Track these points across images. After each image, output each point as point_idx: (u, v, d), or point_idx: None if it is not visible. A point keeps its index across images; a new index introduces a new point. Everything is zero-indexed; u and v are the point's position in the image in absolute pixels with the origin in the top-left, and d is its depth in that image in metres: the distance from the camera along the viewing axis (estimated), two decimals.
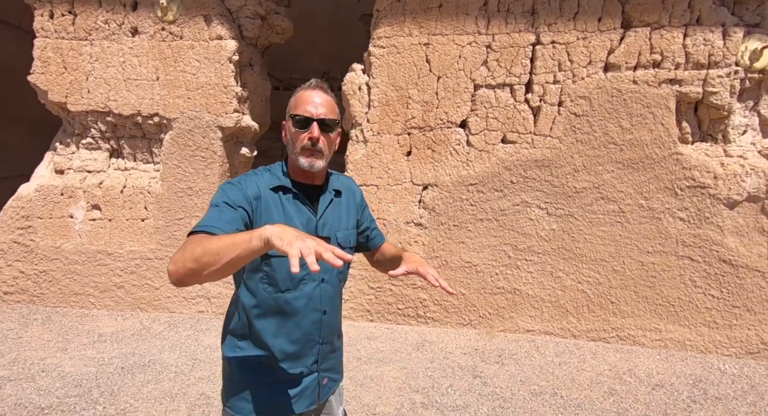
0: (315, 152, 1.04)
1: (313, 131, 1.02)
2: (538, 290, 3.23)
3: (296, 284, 1.04)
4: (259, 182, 1.04)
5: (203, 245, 0.79)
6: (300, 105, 1.04)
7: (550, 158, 3.13)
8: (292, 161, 1.08)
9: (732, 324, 2.95)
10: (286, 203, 1.05)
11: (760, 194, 2.86)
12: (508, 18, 3.15)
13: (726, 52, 2.88)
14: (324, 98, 1.06)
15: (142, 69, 3.80)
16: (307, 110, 1.03)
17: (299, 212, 1.06)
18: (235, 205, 0.97)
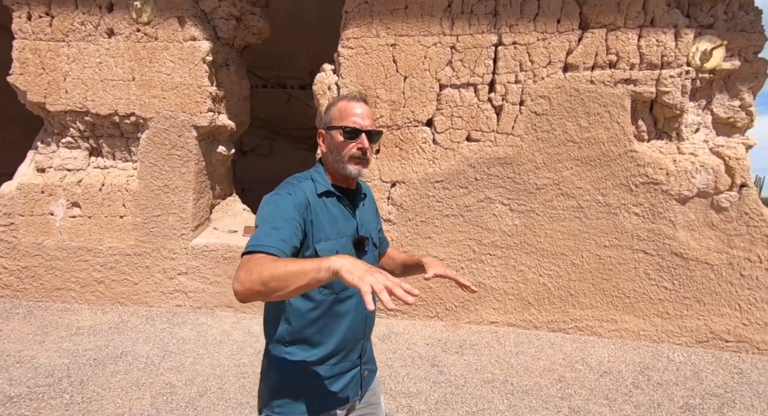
0: (363, 160, 1.10)
1: (363, 141, 1.09)
2: (502, 284, 3.34)
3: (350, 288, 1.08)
4: (306, 189, 1.06)
5: (270, 269, 0.79)
6: (347, 116, 1.09)
7: (512, 155, 3.23)
8: (335, 167, 1.11)
9: (683, 314, 3.07)
10: (331, 207, 1.08)
11: (710, 190, 2.97)
12: (471, 19, 3.23)
13: (678, 53, 2.98)
14: (367, 110, 1.12)
15: (118, 70, 3.87)
16: (356, 121, 1.09)
17: (343, 214, 1.10)
18: (290, 219, 0.97)
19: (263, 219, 0.97)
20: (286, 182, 1.09)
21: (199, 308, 3.83)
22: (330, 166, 1.13)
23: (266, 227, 0.94)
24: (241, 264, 0.86)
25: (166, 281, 3.88)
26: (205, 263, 3.81)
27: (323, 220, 1.04)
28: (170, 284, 3.88)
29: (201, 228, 4.01)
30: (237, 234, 4.05)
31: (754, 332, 2.95)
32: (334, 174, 1.13)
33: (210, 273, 3.81)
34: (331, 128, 1.10)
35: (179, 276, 3.86)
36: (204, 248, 3.80)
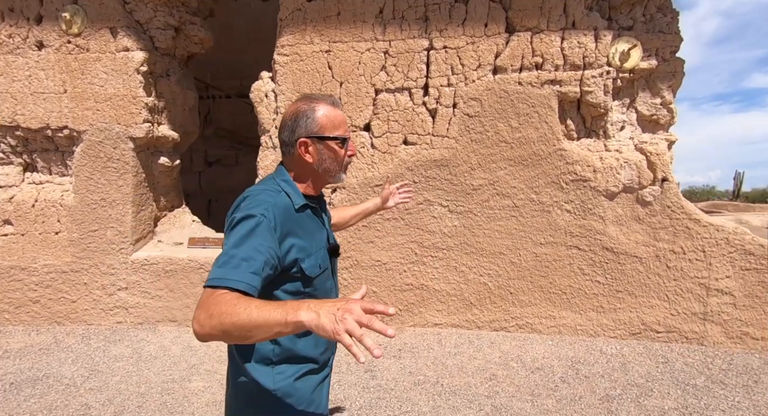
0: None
1: (353, 148, 1.09)
2: (444, 285, 3.35)
3: (330, 295, 1.09)
4: (281, 205, 0.97)
5: (232, 317, 0.71)
6: (339, 126, 1.04)
7: (448, 157, 3.26)
8: (322, 178, 1.08)
9: (616, 307, 3.14)
10: (306, 220, 1.04)
11: (634, 185, 3.06)
12: (402, 25, 3.27)
13: (598, 54, 3.08)
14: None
15: (49, 82, 3.74)
16: (346, 130, 1.07)
17: (316, 225, 1.07)
18: (264, 246, 0.87)
19: (232, 245, 0.86)
20: (255, 197, 0.96)
21: (141, 323, 3.70)
22: (312, 176, 1.07)
23: (235, 256, 0.84)
24: (201, 300, 0.77)
25: (105, 297, 3.74)
26: (146, 277, 3.69)
27: (302, 237, 0.98)
28: (110, 301, 3.73)
29: (143, 242, 3.89)
30: (182, 246, 3.94)
31: (682, 321, 3.04)
32: (310, 184, 1.07)
33: (151, 287, 3.69)
34: (325, 138, 1.03)
35: (119, 292, 3.72)
36: (144, 262, 3.69)
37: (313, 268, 0.99)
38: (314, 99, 1.04)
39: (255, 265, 0.83)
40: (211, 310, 0.74)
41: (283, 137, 1.05)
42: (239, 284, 0.79)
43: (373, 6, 3.29)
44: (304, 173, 1.06)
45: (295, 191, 1.03)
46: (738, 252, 2.93)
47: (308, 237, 1.00)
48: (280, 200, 0.97)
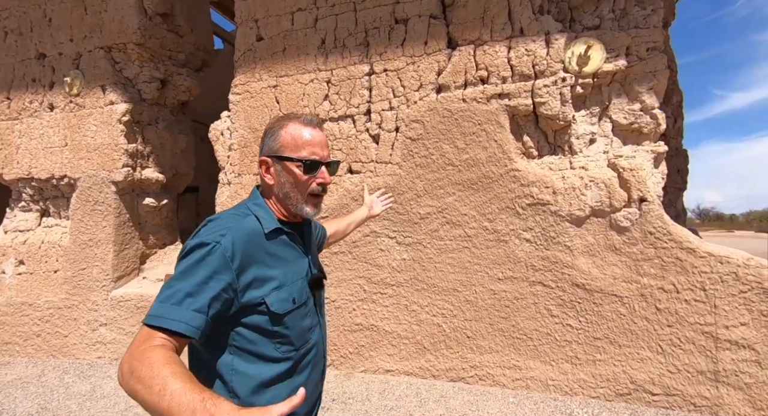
0: (320, 198, 0.98)
1: (325, 175, 0.95)
2: (395, 326, 3.02)
3: (308, 335, 0.95)
4: (245, 231, 0.85)
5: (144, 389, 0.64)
6: (305, 146, 0.92)
7: (392, 184, 3.03)
8: (284, 203, 0.96)
9: (595, 359, 2.55)
10: (281, 248, 0.92)
11: (605, 208, 2.55)
12: (343, 52, 3.21)
13: (550, 61, 2.71)
14: (324, 137, 0.97)
15: (55, 138, 4.26)
16: (315, 152, 0.93)
17: (294, 253, 0.95)
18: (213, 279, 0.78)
19: (178, 277, 0.78)
20: (216, 221, 0.87)
21: (116, 359, 3.84)
22: (279, 201, 0.96)
23: (180, 289, 0.76)
24: (135, 343, 0.71)
25: (89, 332, 3.97)
26: (121, 314, 3.86)
27: (271, 266, 0.87)
28: (93, 336, 3.95)
29: (126, 279, 4.11)
30: (161, 283, 4.09)
31: (685, 382, 2.36)
32: (284, 211, 0.97)
33: (126, 323, 3.85)
34: (284, 159, 0.92)
35: (100, 328, 3.94)
36: (121, 299, 3.87)
37: (283, 303, 0.87)
38: (289, 117, 0.96)
39: (200, 301, 0.76)
40: (134, 366, 0.68)
41: None
42: (178, 326, 0.74)
43: (315, 38, 3.29)
44: (273, 196, 0.97)
45: (268, 214, 0.93)
46: (755, 292, 2.25)
47: (281, 267, 0.90)
48: (246, 225, 0.87)
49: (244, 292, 0.82)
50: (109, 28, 4.13)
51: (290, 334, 0.89)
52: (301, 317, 0.92)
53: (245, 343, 0.85)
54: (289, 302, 0.88)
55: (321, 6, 3.28)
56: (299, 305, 0.91)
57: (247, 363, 0.85)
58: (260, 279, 0.85)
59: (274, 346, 0.87)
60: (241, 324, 0.84)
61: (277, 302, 0.86)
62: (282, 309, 0.87)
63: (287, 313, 0.88)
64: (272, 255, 0.88)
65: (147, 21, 4.14)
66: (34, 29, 4.49)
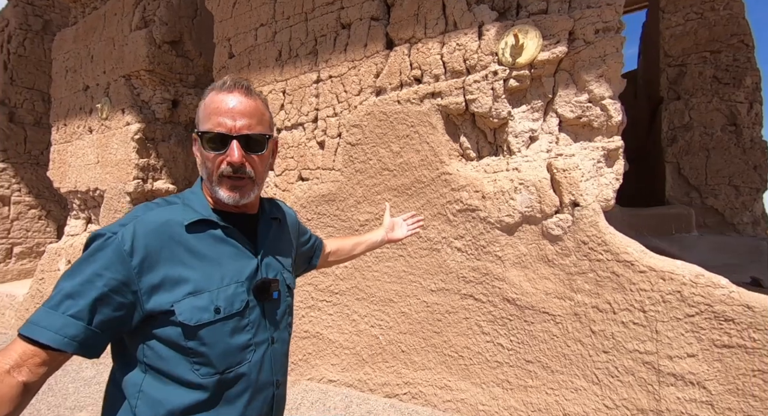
0: (240, 181, 0.79)
1: (232, 153, 0.77)
2: (338, 335, 3.06)
3: (240, 356, 0.78)
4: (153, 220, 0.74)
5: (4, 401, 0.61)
6: (211, 116, 0.77)
7: (334, 191, 3.10)
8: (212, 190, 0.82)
9: (527, 384, 2.32)
10: (212, 245, 0.78)
11: (536, 214, 2.32)
12: (296, 62, 3.38)
13: (481, 54, 2.57)
14: (246, 103, 0.78)
15: (91, 156, 5.08)
16: (222, 123, 0.76)
17: (232, 251, 0.80)
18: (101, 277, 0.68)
19: (65, 276, 0.69)
20: (133, 209, 0.79)
21: None
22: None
23: (61, 290, 0.67)
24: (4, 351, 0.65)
25: None
26: None
27: (189, 266, 0.74)
28: None
29: None
30: None
31: None
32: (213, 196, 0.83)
33: None
34: (197, 132, 0.80)
35: None
36: None
37: (198, 312, 0.73)
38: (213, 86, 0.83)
39: (80, 304, 0.66)
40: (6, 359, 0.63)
41: None
42: (44, 335, 0.64)
43: (273, 50, 3.50)
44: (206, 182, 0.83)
45: (200, 204, 0.81)
46: (704, 316, 1.87)
47: (203, 267, 0.76)
48: (160, 214, 0.75)
49: (149, 295, 0.71)
50: (128, 58, 4.83)
51: (209, 352, 0.73)
52: (229, 332, 0.76)
53: (156, 360, 0.73)
54: (208, 311, 0.73)
55: (279, 19, 3.49)
56: (226, 316, 0.76)
57: (159, 385, 0.72)
58: (171, 281, 0.72)
59: (190, 366, 0.73)
60: (152, 337, 0.72)
61: (190, 310, 0.72)
62: (196, 320, 0.72)
63: (203, 325, 0.73)
64: (192, 252, 0.75)
65: (155, 49, 4.75)
66: (83, 66, 5.41)
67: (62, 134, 5.60)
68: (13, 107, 8.99)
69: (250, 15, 3.68)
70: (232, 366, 0.77)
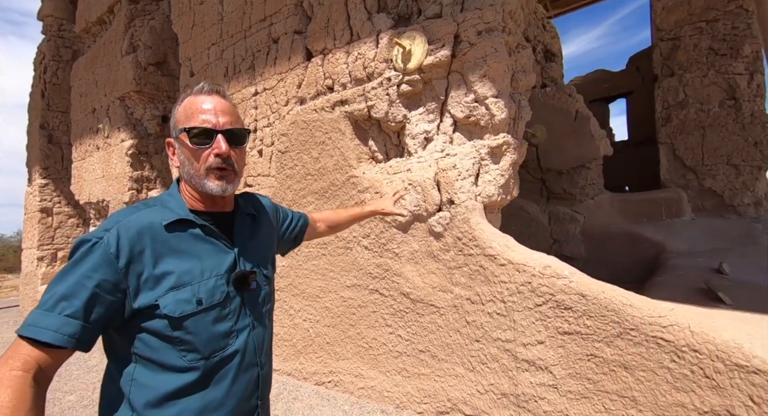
0: (226, 171, 0.89)
1: (219, 145, 0.87)
2: (279, 328, 3.39)
3: (224, 341, 0.87)
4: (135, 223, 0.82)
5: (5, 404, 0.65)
6: (194, 115, 0.87)
7: (270, 195, 3.41)
8: (193, 186, 0.91)
9: (420, 372, 2.52)
10: (192, 243, 0.87)
11: (423, 213, 2.50)
12: (239, 77, 3.72)
13: (377, 62, 2.76)
14: (225, 104, 0.91)
15: (98, 171, 5.78)
16: (206, 119, 0.87)
17: (211, 247, 0.89)
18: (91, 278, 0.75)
19: (56, 280, 0.76)
20: (111, 216, 0.85)
21: None
22: (189, 185, 0.92)
23: (55, 293, 0.75)
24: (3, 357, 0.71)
25: None
26: None
27: (171, 263, 0.83)
28: None
29: None
30: None
31: (492, 405, 2.19)
32: (195, 195, 0.92)
33: None
34: (178, 133, 0.89)
35: None
36: None
37: (182, 304, 0.82)
38: (189, 92, 0.93)
39: (75, 305, 0.74)
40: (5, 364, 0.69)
41: None
42: (44, 334, 0.71)
43: (221, 67, 3.87)
44: (184, 184, 0.93)
45: (178, 204, 0.90)
46: (549, 305, 1.99)
47: (185, 263, 0.84)
48: (141, 217, 0.83)
49: (136, 293, 0.79)
50: (120, 81, 5.43)
51: (194, 340, 0.83)
52: (212, 320, 0.85)
53: (146, 350, 0.81)
54: (191, 303, 0.82)
55: (225, 38, 3.85)
56: (208, 306, 0.85)
57: (150, 373, 0.81)
58: (156, 278, 0.80)
59: (178, 354, 0.82)
60: (141, 329, 0.81)
61: (174, 303, 0.81)
62: (179, 312, 0.81)
63: (187, 316, 0.82)
64: (174, 250, 0.83)
65: (141, 72, 5.30)
66: (91, 90, 6.13)
67: (79, 152, 6.38)
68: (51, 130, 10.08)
69: (203, 36, 4.06)
70: (216, 351, 0.86)
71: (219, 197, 0.93)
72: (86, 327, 0.75)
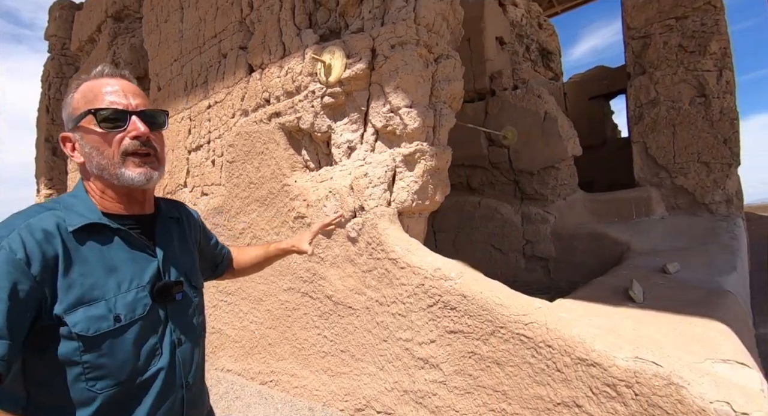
0: (148, 158, 0.80)
1: (136, 126, 0.78)
2: (231, 330, 3.59)
3: (145, 363, 0.78)
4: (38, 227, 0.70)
5: None
6: (98, 97, 0.78)
7: (221, 204, 3.62)
8: (106, 182, 0.80)
9: (342, 372, 2.67)
10: (105, 251, 0.76)
11: (343, 220, 2.65)
12: (196, 91, 3.96)
13: (304, 75, 2.93)
14: (134, 86, 0.84)
15: None
16: (115, 101, 0.78)
17: (128, 256, 0.79)
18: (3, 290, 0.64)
19: None
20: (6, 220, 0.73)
21: None
22: (99, 182, 0.81)
23: None
24: None
25: None
26: None
27: (79, 274, 0.72)
28: None
29: None
30: None
31: (397, 401, 2.32)
32: (110, 195, 0.82)
33: None
34: (78, 121, 0.78)
35: None
36: None
37: (95, 322, 0.72)
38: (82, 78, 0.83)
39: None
40: None
41: None
42: None
43: (181, 82, 4.11)
44: (92, 183, 0.82)
45: (86, 207, 0.79)
46: (438, 306, 2.12)
47: (99, 273, 0.75)
48: (42, 220, 0.72)
49: (50, 309, 0.69)
50: None
51: (109, 363, 0.72)
52: (132, 339, 0.76)
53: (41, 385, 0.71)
54: (107, 320, 0.73)
55: (184, 54, 4.09)
56: (128, 323, 0.75)
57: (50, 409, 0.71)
58: (63, 289, 0.70)
59: (85, 384, 0.71)
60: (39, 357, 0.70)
61: (86, 320, 0.71)
62: (93, 330, 0.71)
63: (102, 335, 0.72)
64: (84, 260, 0.73)
65: None
66: None
67: (72, 164, 6.74)
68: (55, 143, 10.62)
69: (167, 52, 4.31)
70: (134, 375, 0.75)
71: (139, 193, 0.82)
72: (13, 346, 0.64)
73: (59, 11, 10.33)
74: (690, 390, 1.40)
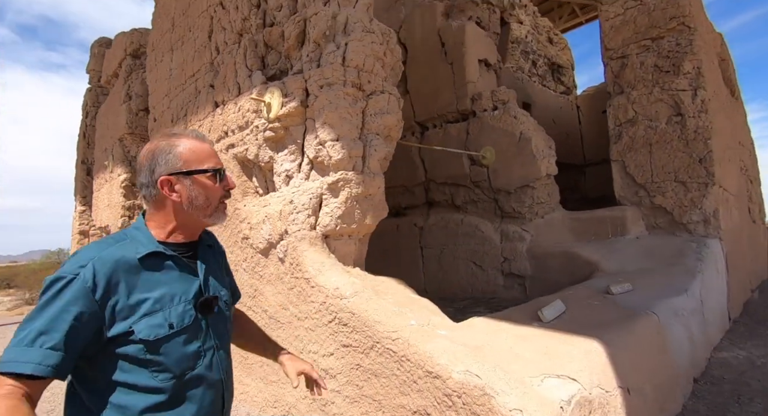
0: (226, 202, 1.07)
1: (230, 181, 1.07)
2: None
3: (192, 361, 0.97)
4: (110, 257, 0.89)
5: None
6: (207, 158, 1.02)
7: None
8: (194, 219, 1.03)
9: (272, 380, 2.90)
10: (162, 273, 0.96)
11: (273, 241, 2.93)
12: (179, 123, 4.42)
13: (251, 113, 3.28)
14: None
15: (105, 201, 6.80)
16: (216, 162, 1.04)
17: (178, 276, 0.99)
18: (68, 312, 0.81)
19: (31, 317, 0.82)
20: (79, 253, 0.91)
21: None
22: (180, 218, 1.02)
23: (33, 329, 0.80)
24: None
25: None
26: None
27: (143, 292, 0.92)
28: None
29: None
30: None
31: (308, 409, 2.53)
32: (178, 228, 1.02)
33: None
34: (192, 172, 1.00)
35: None
36: None
37: (155, 329, 0.91)
38: (175, 135, 1.03)
39: (54, 338, 0.79)
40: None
41: (141, 179, 1.02)
42: (25, 367, 0.77)
43: (169, 115, 4.59)
44: (168, 217, 1.01)
45: (147, 238, 0.98)
46: (335, 322, 2.33)
47: (156, 291, 0.94)
48: (114, 251, 0.91)
49: (112, 323, 0.87)
50: (119, 125, 6.41)
51: (167, 361, 0.92)
52: (182, 342, 0.95)
53: (119, 374, 0.89)
54: (163, 327, 0.92)
55: (172, 90, 4.57)
56: (179, 330, 0.94)
57: (122, 395, 0.88)
58: (130, 307, 0.89)
59: (150, 375, 0.90)
60: (115, 355, 0.88)
61: (148, 328, 0.89)
62: (152, 336, 0.90)
63: (161, 339, 0.91)
64: (147, 280, 0.92)
65: (133, 117, 6.24)
66: (104, 133, 7.23)
67: (96, 185, 7.49)
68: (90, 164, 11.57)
69: (161, 88, 4.83)
70: (186, 371, 0.95)
71: (201, 228, 1.07)
72: (66, 357, 0.80)
73: (97, 48, 11.46)
74: (497, 399, 1.55)
